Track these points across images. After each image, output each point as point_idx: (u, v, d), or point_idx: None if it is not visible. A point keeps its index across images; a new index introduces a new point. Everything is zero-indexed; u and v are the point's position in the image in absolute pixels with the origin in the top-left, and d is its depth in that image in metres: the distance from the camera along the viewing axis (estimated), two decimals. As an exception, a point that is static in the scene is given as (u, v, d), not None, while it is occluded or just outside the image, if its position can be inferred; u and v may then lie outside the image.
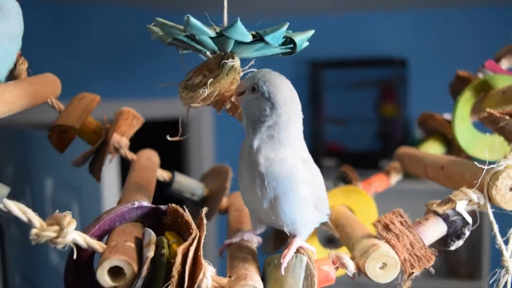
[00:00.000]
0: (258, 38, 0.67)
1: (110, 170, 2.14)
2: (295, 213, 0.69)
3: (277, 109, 0.67)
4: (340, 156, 3.49)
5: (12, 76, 0.79)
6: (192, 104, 0.72)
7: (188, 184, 0.93)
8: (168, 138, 0.77)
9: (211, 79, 0.71)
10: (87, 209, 2.19)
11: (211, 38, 0.67)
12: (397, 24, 3.56)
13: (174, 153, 3.55)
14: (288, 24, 0.67)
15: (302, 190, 0.69)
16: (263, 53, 0.72)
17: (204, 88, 0.70)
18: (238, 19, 0.64)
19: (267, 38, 0.66)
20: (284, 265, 0.66)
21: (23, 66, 0.81)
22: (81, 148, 0.90)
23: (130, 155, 0.90)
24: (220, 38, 0.66)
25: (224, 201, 0.95)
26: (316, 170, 0.74)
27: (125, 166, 1.28)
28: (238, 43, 0.67)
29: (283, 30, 0.67)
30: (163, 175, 0.93)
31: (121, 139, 0.86)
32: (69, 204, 2.29)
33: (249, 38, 0.66)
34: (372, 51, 3.55)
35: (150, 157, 0.92)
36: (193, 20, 0.64)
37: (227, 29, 0.65)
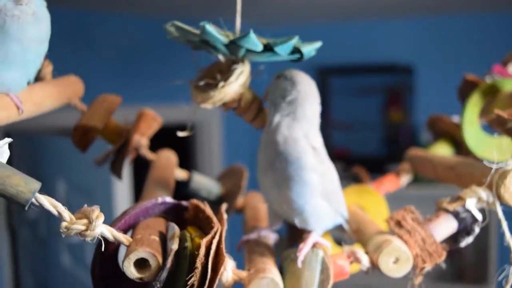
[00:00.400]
0: (268, 48, 0.70)
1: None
2: (303, 200, 0.72)
3: (297, 86, 0.74)
4: (347, 161, 3.49)
5: (38, 77, 0.82)
6: (203, 104, 0.75)
7: (205, 183, 0.96)
8: (179, 134, 0.80)
9: (222, 83, 0.74)
10: (100, 211, 2.20)
11: (224, 44, 0.70)
12: (403, 31, 3.58)
13: (184, 155, 3.57)
14: (297, 37, 0.70)
15: (311, 176, 0.71)
16: (271, 59, 0.76)
17: (214, 91, 0.74)
18: (251, 31, 0.67)
19: (277, 49, 0.70)
20: (300, 258, 0.69)
21: (48, 68, 0.84)
22: (94, 151, 0.93)
23: (149, 155, 0.92)
24: (233, 45, 0.69)
25: (240, 201, 0.98)
26: (330, 165, 0.77)
27: (137, 169, 1.30)
28: (249, 50, 0.71)
29: (292, 43, 0.70)
30: (181, 174, 0.95)
31: (141, 139, 0.89)
32: (82, 207, 2.30)
33: (260, 47, 0.69)
34: (379, 57, 3.57)
35: (168, 157, 0.94)
36: (208, 28, 0.67)
37: (239, 39, 0.68)
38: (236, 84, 0.75)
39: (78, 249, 2.39)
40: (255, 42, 0.68)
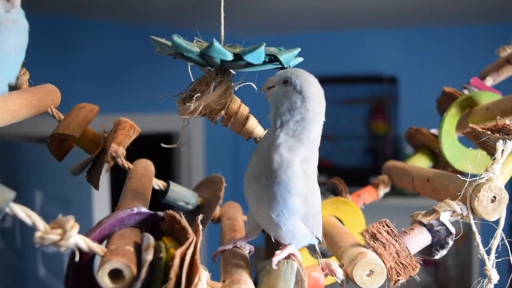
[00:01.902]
0: (239, 57, 0.71)
1: (101, 183, 2.13)
2: (280, 220, 0.71)
3: (307, 103, 0.69)
4: (330, 172, 3.49)
5: (14, 86, 0.82)
6: (183, 117, 0.75)
7: (183, 193, 0.96)
8: (163, 145, 0.81)
9: (198, 94, 0.74)
10: (78, 222, 2.17)
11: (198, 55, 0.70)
12: (387, 42, 3.61)
13: (165, 165, 3.57)
14: (264, 44, 0.70)
15: (294, 201, 0.70)
16: (252, 69, 0.76)
17: (191, 102, 0.74)
18: (214, 40, 0.67)
19: (246, 57, 0.70)
20: (275, 261, 0.69)
21: (25, 76, 0.84)
22: (73, 160, 0.92)
23: (126, 164, 0.92)
24: (205, 55, 0.70)
25: (217, 211, 0.98)
26: (316, 189, 0.75)
27: (116, 179, 1.28)
28: (224, 62, 0.71)
29: (261, 50, 0.70)
30: (159, 184, 0.95)
31: (118, 149, 0.89)
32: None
33: (229, 57, 0.70)
34: (363, 68, 3.60)
35: (146, 166, 0.94)
36: (177, 40, 0.67)
37: (206, 49, 0.68)
38: (214, 94, 0.75)
39: (55, 260, 2.36)
40: (221, 51, 0.68)
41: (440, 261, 3.39)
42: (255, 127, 0.84)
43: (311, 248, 0.84)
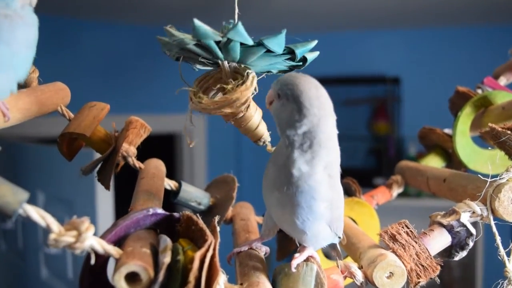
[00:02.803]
0: (260, 44, 0.70)
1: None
2: (305, 226, 0.68)
3: (303, 111, 0.65)
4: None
5: (23, 83, 0.80)
6: (213, 111, 0.72)
7: (195, 193, 0.94)
8: (190, 144, 0.79)
9: (245, 85, 0.71)
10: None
11: (217, 45, 0.69)
12: (390, 42, 3.60)
13: (167, 166, 3.56)
14: (285, 30, 0.69)
15: (320, 206, 0.67)
16: (269, 66, 0.74)
17: (234, 95, 0.71)
18: (239, 22, 0.66)
19: (266, 42, 0.69)
20: (294, 264, 0.68)
21: (34, 74, 0.83)
22: (76, 160, 0.90)
23: (137, 164, 0.91)
24: (226, 44, 0.68)
25: (229, 211, 0.96)
26: (340, 189, 0.72)
27: (119, 179, 1.26)
28: (243, 50, 0.70)
29: (282, 35, 0.69)
30: (170, 184, 0.93)
31: (129, 148, 0.87)
32: (62, 218, 2.24)
33: (250, 41, 0.68)
34: (365, 69, 3.59)
35: (157, 166, 0.92)
36: (198, 22, 0.65)
37: (230, 31, 0.66)
38: (252, 88, 0.72)
39: (57, 262, 2.34)
40: (244, 34, 0.66)
41: (443, 261, 3.38)
42: (265, 131, 0.82)
43: (330, 247, 0.82)
